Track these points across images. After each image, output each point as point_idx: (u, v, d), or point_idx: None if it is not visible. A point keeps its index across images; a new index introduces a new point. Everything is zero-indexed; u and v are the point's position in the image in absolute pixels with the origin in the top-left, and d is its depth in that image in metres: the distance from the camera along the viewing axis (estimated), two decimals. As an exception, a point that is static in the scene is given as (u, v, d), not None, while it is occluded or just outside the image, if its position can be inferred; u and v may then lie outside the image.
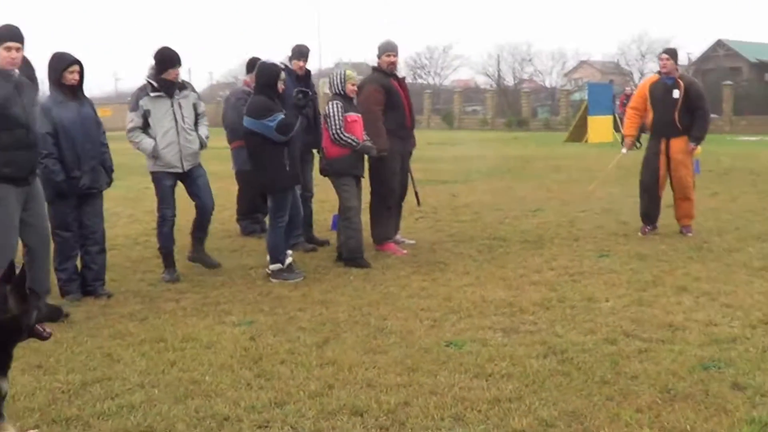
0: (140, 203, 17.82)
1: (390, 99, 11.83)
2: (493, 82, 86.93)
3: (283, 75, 10.57)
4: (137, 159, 9.91)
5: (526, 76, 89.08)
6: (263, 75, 10.48)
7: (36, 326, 4.93)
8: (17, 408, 6.03)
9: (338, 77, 11.34)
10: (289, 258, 10.52)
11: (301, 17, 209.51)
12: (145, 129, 10.28)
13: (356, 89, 11.32)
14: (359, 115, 11.18)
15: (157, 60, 10.37)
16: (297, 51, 12.43)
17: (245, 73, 14.09)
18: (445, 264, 10.99)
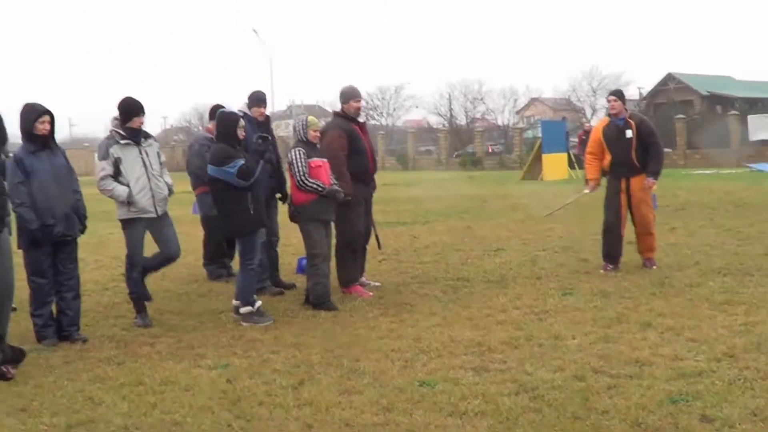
0: (105, 248, 17.89)
1: (353, 144, 12.00)
2: (446, 122, 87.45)
3: (242, 122, 10.77)
4: (99, 205, 10.03)
5: (479, 115, 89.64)
6: (223, 124, 10.73)
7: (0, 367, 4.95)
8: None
9: (300, 124, 11.50)
10: (258, 302, 10.68)
11: (252, 59, 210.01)
12: (116, 177, 10.37)
13: (319, 135, 11.48)
14: (324, 160, 11.32)
15: (122, 110, 10.51)
16: (256, 98, 12.58)
17: (208, 120, 14.25)
18: (412, 305, 11.13)
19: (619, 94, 13.43)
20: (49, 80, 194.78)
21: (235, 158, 10.34)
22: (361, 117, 12.62)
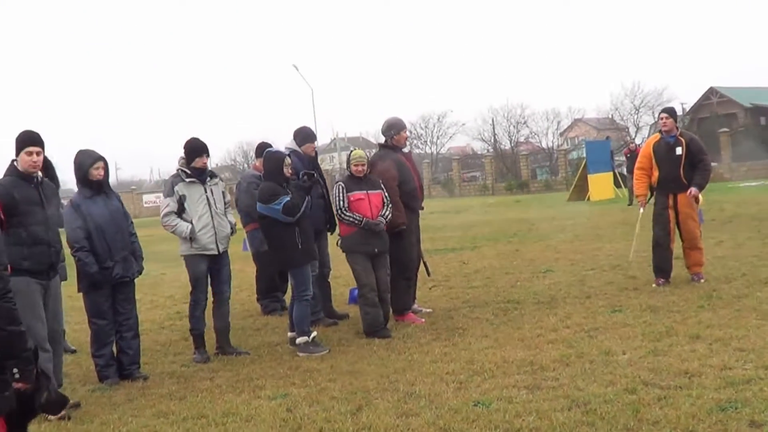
0: (158, 288, 18.21)
1: (402, 173, 12.24)
2: (490, 147, 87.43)
3: (288, 160, 11.01)
4: (150, 245, 10.30)
5: (522, 139, 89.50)
6: (270, 163, 11.08)
7: (45, 405, 5.09)
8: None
9: (347, 158, 11.91)
10: (314, 332, 10.92)
11: (294, 94, 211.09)
12: (180, 213, 10.72)
13: (364, 168, 11.62)
14: (366, 193, 11.53)
15: (186, 150, 10.94)
16: (306, 134, 12.79)
17: (254, 157, 14.50)
18: (464, 329, 11.27)
19: (671, 112, 13.63)
20: (93, 124, 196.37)
21: (281, 195, 10.63)
22: (405, 146, 12.84)
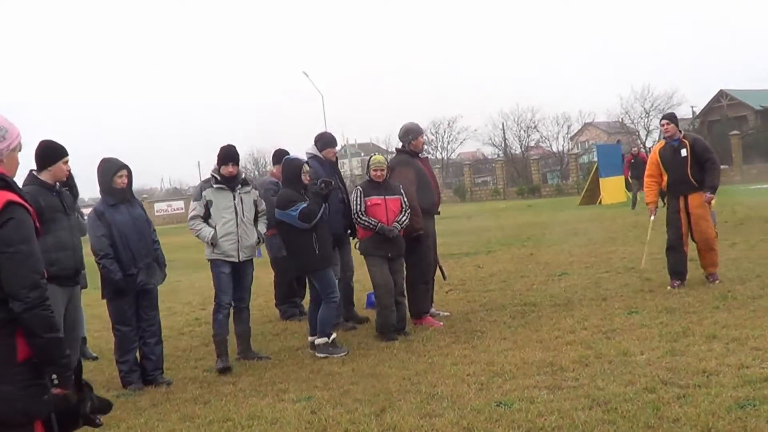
0: (176, 295, 18.35)
1: (419, 179, 12.37)
2: (500, 152, 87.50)
3: (307, 167, 11.15)
4: (164, 253, 10.39)
5: (533, 143, 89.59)
6: (287, 170, 11.22)
7: (89, 415, 5.20)
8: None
9: (366, 163, 12.07)
10: (333, 334, 11.05)
11: (304, 101, 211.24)
12: (206, 218, 10.80)
13: (383, 173, 11.77)
14: (384, 198, 11.65)
15: (219, 156, 10.97)
16: (327, 140, 13.03)
17: (272, 164, 14.60)
18: (482, 332, 11.38)
19: (671, 117, 13.83)
20: (102, 134, 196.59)
21: (298, 202, 10.77)
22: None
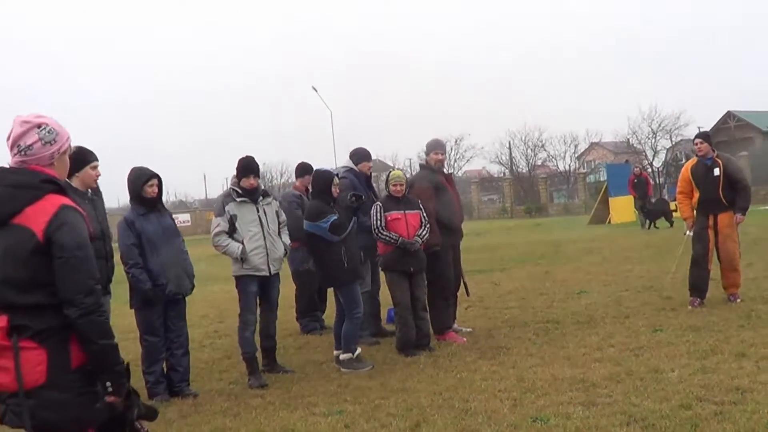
0: (192, 307, 18.10)
1: (439, 194, 12.37)
2: (507, 170, 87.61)
3: (336, 180, 11.17)
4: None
5: (539, 162, 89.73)
6: (318, 182, 11.25)
7: (135, 423, 5.17)
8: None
9: (385, 178, 12.10)
10: (358, 349, 11.03)
11: (313, 117, 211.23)
12: (231, 233, 10.53)
13: (402, 188, 11.77)
14: (404, 213, 11.66)
15: (238, 168, 10.74)
16: (362, 154, 13.13)
17: (295, 178, 14.57)
18: (507, 348, 11.36)
19: (705, 136, 13.91)
20: (102, 144, 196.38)
21: (328, 214, 10.77)
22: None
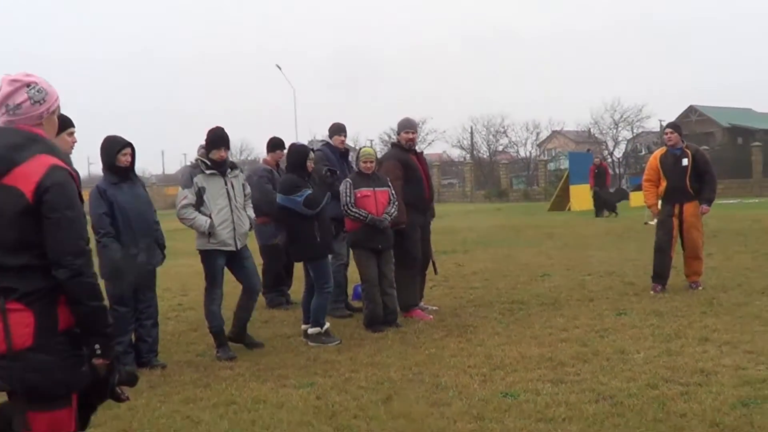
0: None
1: (408, 173, 12.46)
2: (468, 155, 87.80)
3: (312, 155, 11.21)
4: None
5: (501, 148, 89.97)
6: (293, 156, 11.28)
7: (116, 388, 5.17)
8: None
9: (355, 155, 12.20)
10: (327, 324, 11.10)
11: (276, 94, 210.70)
12: (198, 206, 10.38)
13: (372, 165, 11.85)
14: (372, 190, 11.73)
15: (208, 139, 10.52)
16: (336, 127, 13.28)
17: (266, 152, 14.57)
18: (474, 327, 11.46)
19: (675, 127, 14.14)
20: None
21: (303, 188, 10.81)
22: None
